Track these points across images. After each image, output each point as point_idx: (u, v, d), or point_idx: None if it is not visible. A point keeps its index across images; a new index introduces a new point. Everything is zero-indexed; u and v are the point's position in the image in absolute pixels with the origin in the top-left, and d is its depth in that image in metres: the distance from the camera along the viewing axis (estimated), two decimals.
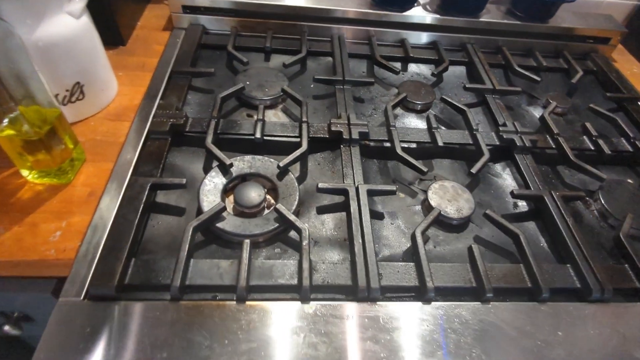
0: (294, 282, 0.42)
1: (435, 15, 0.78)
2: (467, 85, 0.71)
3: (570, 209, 0.55)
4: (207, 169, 0.54)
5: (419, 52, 0.79)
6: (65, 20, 0.51)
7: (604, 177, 0.57)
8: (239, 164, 0.52)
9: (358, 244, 0.45)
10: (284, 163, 0.52)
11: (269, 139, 0.57)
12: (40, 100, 0.44)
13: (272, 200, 0.51)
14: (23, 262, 0.43)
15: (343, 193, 0.51)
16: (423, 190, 0.55)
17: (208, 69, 0.66)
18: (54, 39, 0.50)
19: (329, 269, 0.44)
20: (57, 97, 0.53)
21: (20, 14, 0.47)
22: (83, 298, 0.40)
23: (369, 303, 0.42)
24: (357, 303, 0.42)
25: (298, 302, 0.41)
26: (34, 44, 0.48)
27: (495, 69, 0.78)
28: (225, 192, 0.50)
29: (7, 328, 0.52)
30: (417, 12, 0.78)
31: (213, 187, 0.49)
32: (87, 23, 0.55)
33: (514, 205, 0.56)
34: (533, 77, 0.74)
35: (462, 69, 0.79)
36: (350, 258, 0.45)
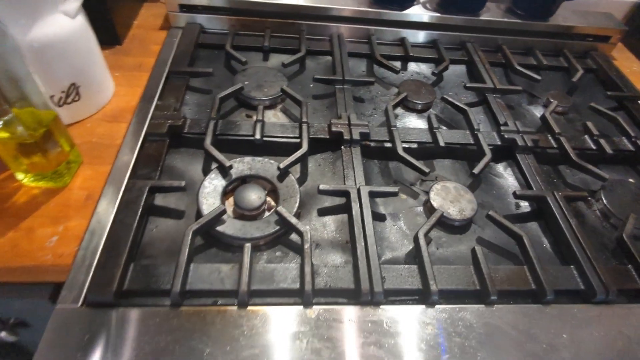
0: (296, 286, 0.42)
1: (435, 14, 0.78)
2: (467, 85, 0.71)
3: (573, 209, 0.54)
4: (206, 171, 0.53)
5: (419, 51, 0.78)
6: (61, 20, 0.50)
7: (607, 176, 0.57)
8: (239, 166, 0.52)
9: (360, 247, 0.45)
10: (285, 164, 0.51)
11: (269, 140, 0.56)
12: (35, 102, 0.43)
13: (272, 203, 0.50)
14: (19, 268, 0.42)
15: (344, 195, 0.50)
16: (425, 191, 0.55)
17: (206, 69, 0.65)
18: (49, 39, 0.49)
19: (331, 273, 0.43)
20: (52, 98, 0.52)
21: (14, 14, 0.46)
22: (81, 305, 0.39)
23: (372, 307, 0.42)
24: (360, 307, 0.41)
25: (300, 306, 0.41)
26: (29, 45, 0.47)
27: (496, 68, 0.78)
28: (225, 194, 0.49)
29: (3, 334, 0.51)
30: (416, 10, 0.78)
31: (212, 189, 0.49)
32: (82, 23, 0.53)
33: (516, 206, 0.55)
34: (533, 75, 0.74)
35: (462, 68, 0.78)
36: (353, 261, 0.45)
